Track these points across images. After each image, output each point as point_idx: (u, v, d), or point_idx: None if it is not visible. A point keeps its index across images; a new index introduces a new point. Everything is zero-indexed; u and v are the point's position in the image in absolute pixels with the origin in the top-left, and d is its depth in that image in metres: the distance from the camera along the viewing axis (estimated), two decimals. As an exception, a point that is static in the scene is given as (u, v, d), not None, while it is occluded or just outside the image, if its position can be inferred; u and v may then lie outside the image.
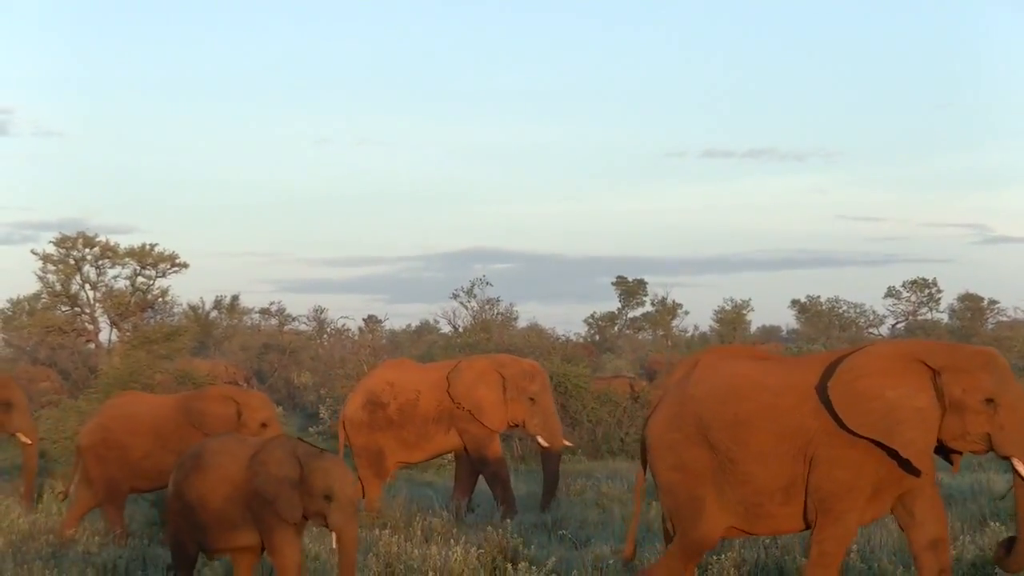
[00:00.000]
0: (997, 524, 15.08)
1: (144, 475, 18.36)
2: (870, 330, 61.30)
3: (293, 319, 61.21)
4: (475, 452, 20.17)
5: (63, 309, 34.11)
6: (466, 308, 53.59)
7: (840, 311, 62.43)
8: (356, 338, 54.75)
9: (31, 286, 38.20)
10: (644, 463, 12.70)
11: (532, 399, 20.55)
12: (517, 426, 20.76)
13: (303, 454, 13.01)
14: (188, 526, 13.22)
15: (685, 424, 12.13)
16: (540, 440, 20.56)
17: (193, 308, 53.77)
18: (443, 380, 20.60)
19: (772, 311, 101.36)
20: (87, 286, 33.82)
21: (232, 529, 13.06)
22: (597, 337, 60.10)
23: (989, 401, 11.49)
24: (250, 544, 13.16)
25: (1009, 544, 12.04)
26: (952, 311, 61.77)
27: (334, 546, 12.94)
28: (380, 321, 57.43)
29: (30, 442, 20.53)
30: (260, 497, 12.89)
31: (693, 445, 12.03)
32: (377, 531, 15.43)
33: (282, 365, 48.14)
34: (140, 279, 34.15)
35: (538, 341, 47.71)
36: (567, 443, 21.46)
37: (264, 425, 18.25)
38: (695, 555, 12.28)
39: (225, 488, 13.05)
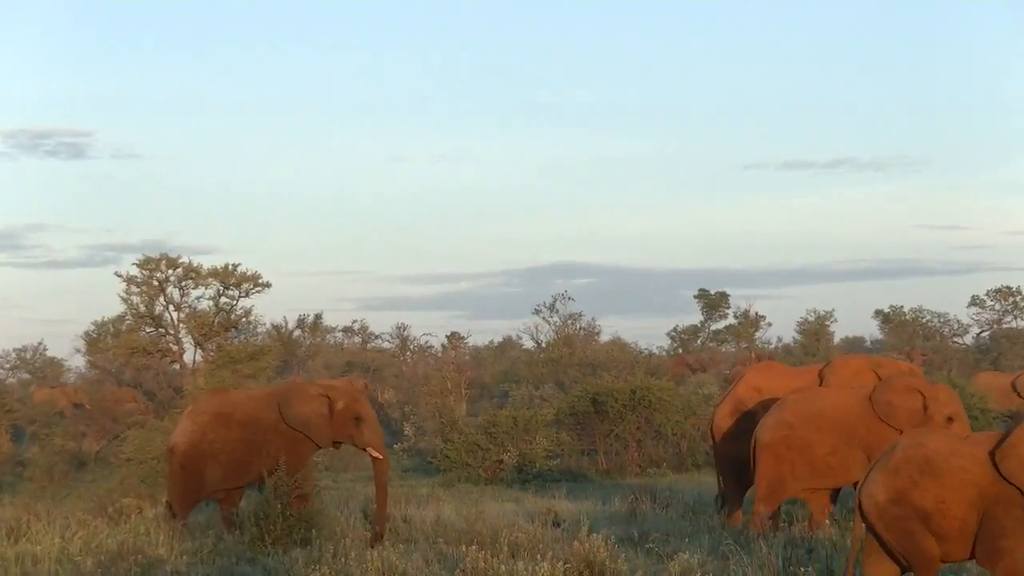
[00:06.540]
0: None
1: (825, 472, 17.95)
2: (955, 339, 60.74)
3: (376, 337, 61.43)
4: None
5: (147, 330, 34.25)
6: (548, 323, 53.64)
7: (924, 321, 61.96)
8: (439, 355, 54.85)
9: (115, 308, 38.46)
10: None
11: None
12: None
13: None
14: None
15: None
16: None
17: (276, 327, 54.11)
18: (812, 384, 19.95)
19: (855, 322, 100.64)
20: (171, 307, 33.96)
21: (968, 537, 12.20)
22: (680, 350, 59.87)
23: None
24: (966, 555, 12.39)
25: None
26: (1037, 319, 61.15)
27: None
28: (463, 338, 57.53)
29: (380, 456, 19.69)
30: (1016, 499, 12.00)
31: None
32: (464, 547, 15.35)
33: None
34: (223, 299, 34.29)
35: (621, 355, 47.63)
36: None
37: (950, 419, 17.81)
38: None
39: (970, 492, 12.18)
